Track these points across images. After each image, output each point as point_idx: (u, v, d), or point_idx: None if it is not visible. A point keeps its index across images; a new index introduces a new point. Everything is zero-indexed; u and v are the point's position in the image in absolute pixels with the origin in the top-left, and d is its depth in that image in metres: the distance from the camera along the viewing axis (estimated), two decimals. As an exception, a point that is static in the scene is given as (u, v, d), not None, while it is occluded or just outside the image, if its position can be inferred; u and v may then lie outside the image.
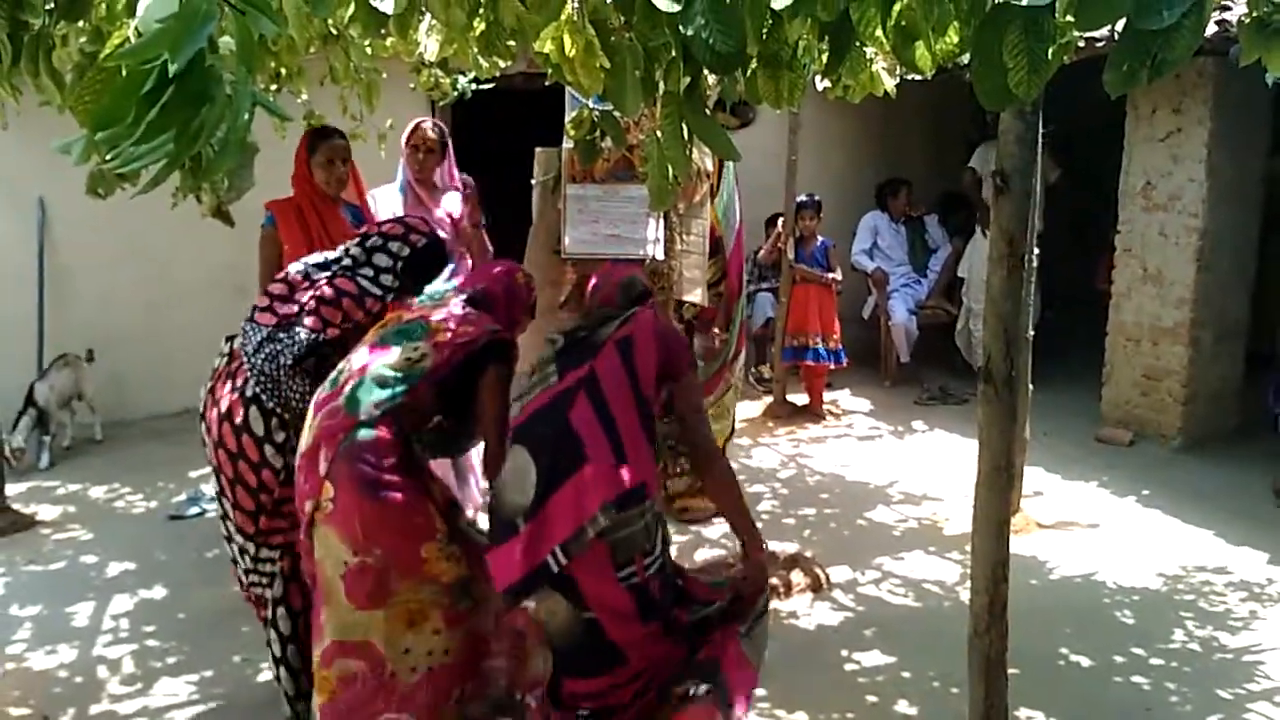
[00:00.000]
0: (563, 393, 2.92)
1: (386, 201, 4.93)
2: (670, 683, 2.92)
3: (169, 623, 4.40)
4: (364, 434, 2.90)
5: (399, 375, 3.00)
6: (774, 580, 4.54)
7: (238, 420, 3.29)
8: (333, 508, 2.88)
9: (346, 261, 3.50)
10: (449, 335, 3.07)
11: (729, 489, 3.12)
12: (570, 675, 2.87)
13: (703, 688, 2.87)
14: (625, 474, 2.81)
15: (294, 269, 3.54)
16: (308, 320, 3.35)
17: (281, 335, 3.32)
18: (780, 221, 7.50)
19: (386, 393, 2.97)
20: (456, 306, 3.22)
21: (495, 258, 4.47)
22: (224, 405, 3.32)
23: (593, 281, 3.40)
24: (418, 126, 4.95)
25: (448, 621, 2.96)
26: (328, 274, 3.46)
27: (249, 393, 3.30)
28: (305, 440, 3.01)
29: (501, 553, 2.85)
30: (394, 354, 3.04)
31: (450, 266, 4.03)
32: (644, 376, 2.97)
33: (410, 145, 4.95)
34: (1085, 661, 4.06)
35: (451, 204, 5.02)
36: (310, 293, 3.41)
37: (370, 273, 3.47)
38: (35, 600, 4.65)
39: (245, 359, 3.33)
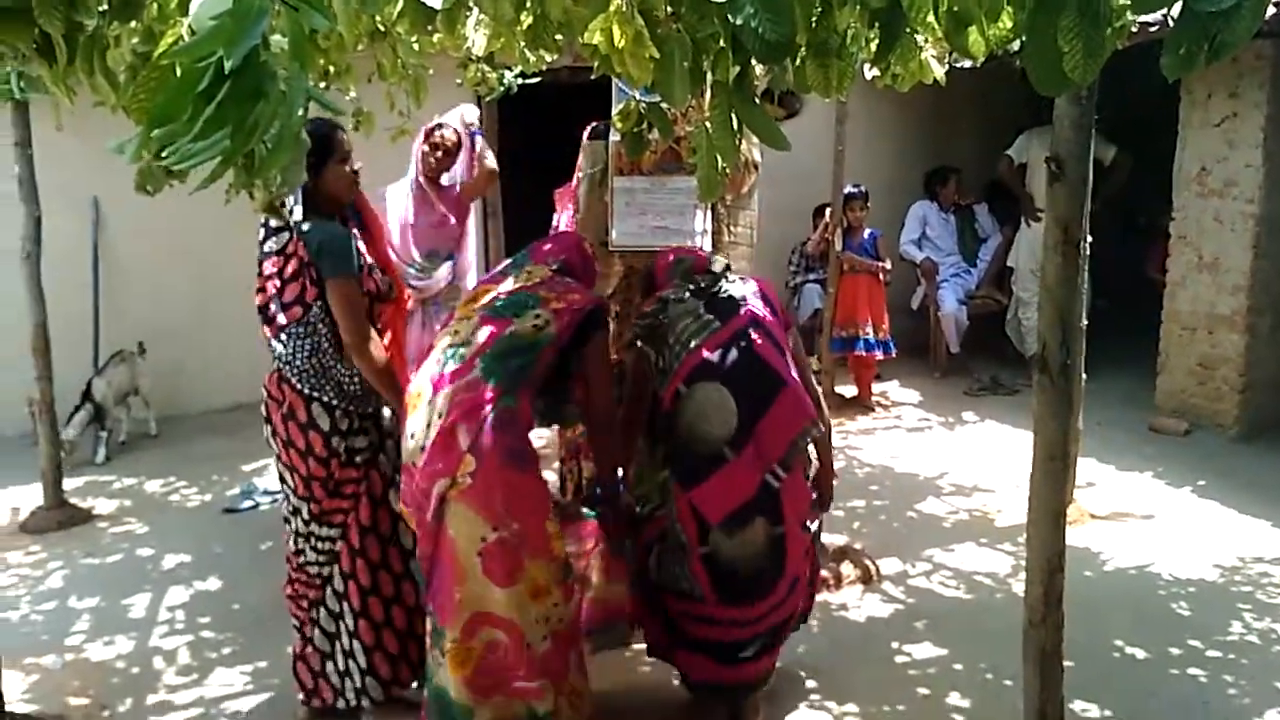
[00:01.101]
0: (738, 331, 3.27)
1: (396, 198, 5.12)
2: None
3: (224, 614, 4.46)
4: (508, 403, 2.97)
5: (528, 343, 3.07)
6: (824, 573, 4.52)
7: (302, 418, 3.33)
8: (471, 482, 2.92)
9: (275, 223, 3.35)
10: (564, 304, 3.17)
11: (828, 425, 3.57)
12: (748, 601, 3.25)
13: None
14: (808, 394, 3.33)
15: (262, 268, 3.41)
16: (312, 302, 3.28)
17: (299, 330, 3.30)
18: (828, 212, 7.46)
19: (520, 360, 3.04)
20: (553, 277, 3.32)
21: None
22: (286, 405, 3.35)
23: (671, 258, 3.63)
24: (440, 126, 5.07)
25: (565, 596, 3.11)
26: (278, 257, 3.33)
27: (306, 391, 3.32)
28: (430, 419, 3.01)
29: (720, 481, 3.18)
30: (517, 324, 3.10)
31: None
32: (783, 322, 3.46)
33: (429, 143, 5.05)
34: (1141, 654, 4.00)
35: (454, 195, 5.22)
36: (276, 282, 3.32)
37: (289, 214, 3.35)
38: (93, 592, 4.72)
39: (286, 366, 3.35)
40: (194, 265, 7.37)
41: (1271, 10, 5.14)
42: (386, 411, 3.49)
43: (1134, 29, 4.93)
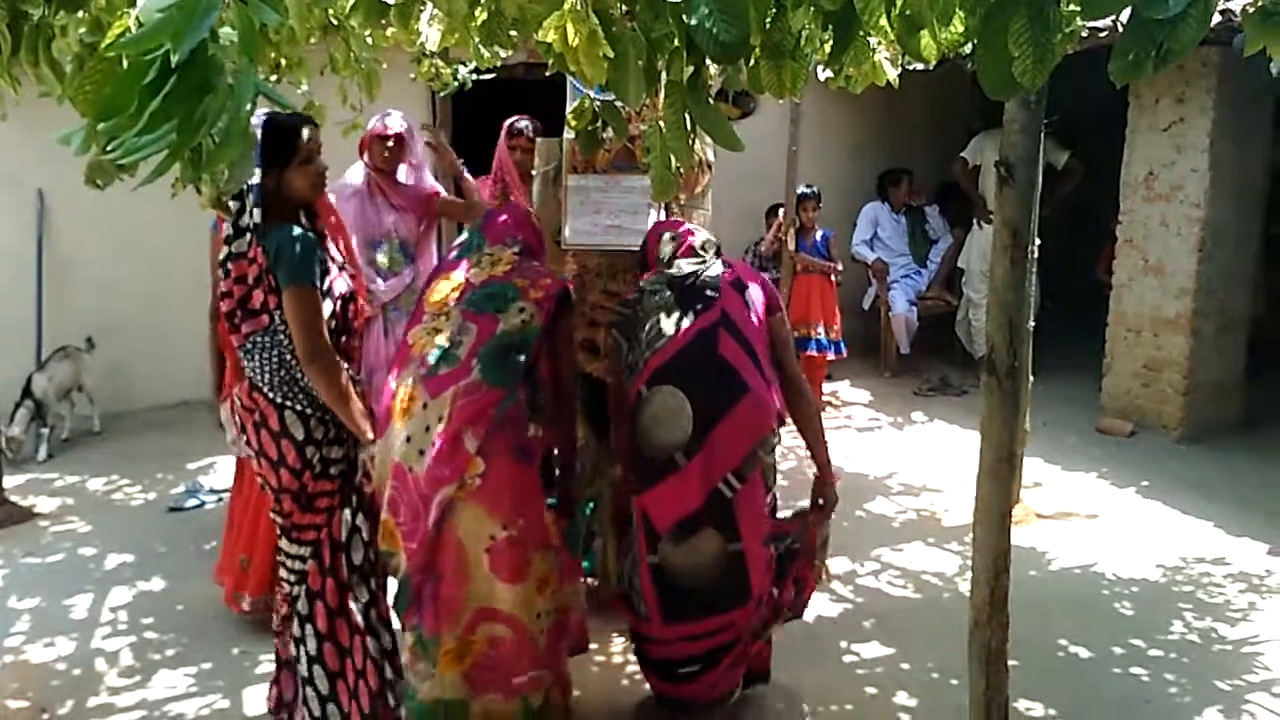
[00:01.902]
0: (705, 330, 3.18)
1: (352, 179, 4.99)
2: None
3: (168, 615, 4.40)
4: (511, 402, 2.99)
5: (519, 339, 3.04)
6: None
7: (274, 426, 3.13)
8: (481, 483, 2.95)
9: (229, 232, 3.13)
10: (542, 291, 3.12)
11: (813, 420, 3.50)
12: (703, 615, 3.24)
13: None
14: (776, 399, 3.23)
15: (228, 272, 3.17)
16: (274, 310, 3.08)
17: (264, 339, 3.11)
18: (781, 212, 7.48)
19: (516, 357, 3.01)
20: (520, 262, 3.24)
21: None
22: (259, 413, 3.15)
23: (662, 233, 3.59)
24: (385, 117, 4.94)
25: (561, 579, 3.16)
26: (242, 261, 3.09)
27: (278, 399, 3.13)
28: (428, 423, 3.00)
29: (669, 488, 3.17)
30: (504, 321, 3.06)
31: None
32: (759, 312, 3.33)
33: (376, 137, 4.91)
34: (1084, 653, 4.06)
35: (416, 193, 5.05)
36: (241, 288, 3.11)
37: (244, 222, 3.09)
38: (33, 592, 4.64)
39: (255, 375, 3.15)
40: (141, 260, 7.27)
41: (1217, 18, 5.22)
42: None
43: (1084, 34, 5.01)
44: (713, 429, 3.14)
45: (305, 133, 3.21)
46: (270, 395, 3.14)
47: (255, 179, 3.06)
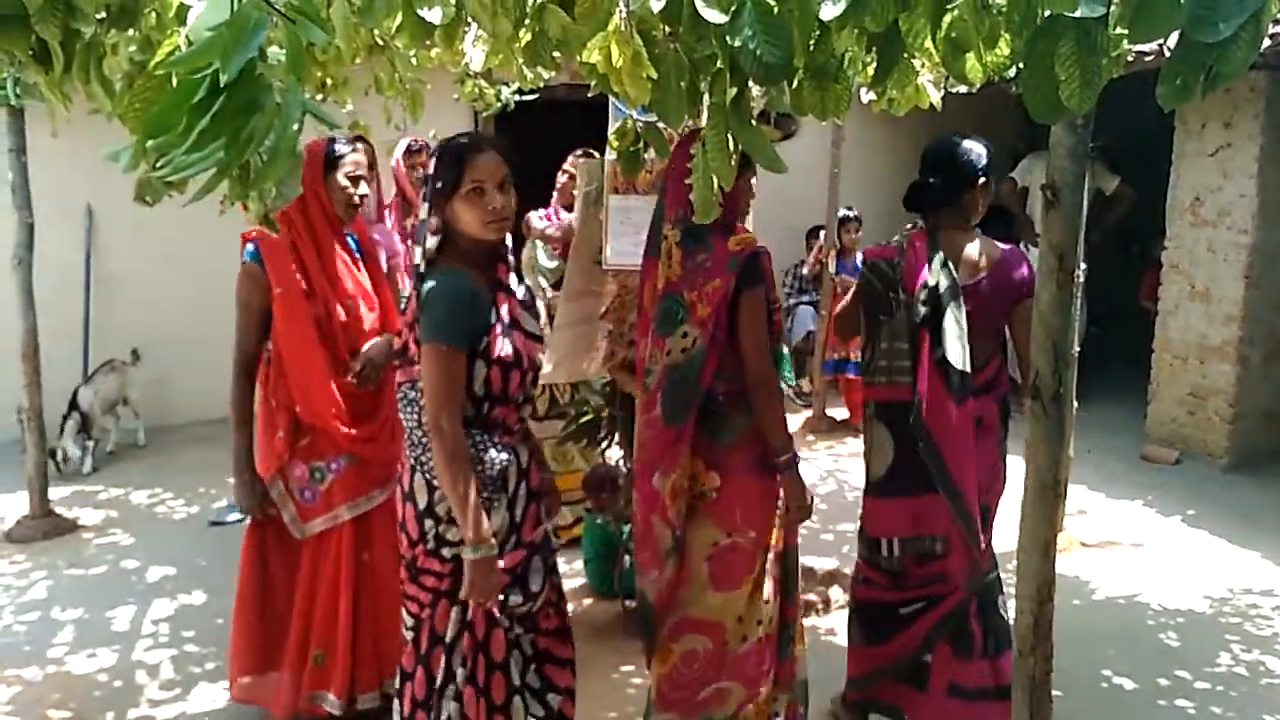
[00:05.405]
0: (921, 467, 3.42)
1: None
2: None
3: (208, 628, 4.42)
4: (708, 436, 3.01)
5: (685, 369, 2.94)
6: (812, 596, 4.53)
7: (405, 486, 2.80)
8: (716, 497, 3.01)
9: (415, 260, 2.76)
10: (709, 306, 2.91)
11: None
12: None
13: None
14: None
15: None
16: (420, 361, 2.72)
17: (413, 391, 2.78)
18: (822, 234, 7.46)
19: (687, 390, 2.94)
20: (686, 258, 2.98)
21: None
22: (400, 465, 2.85)
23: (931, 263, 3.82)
24: (414, 142, 5.18)
25: (775, 589, 3.14)
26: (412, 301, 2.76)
27: (411, 460, 2.79)
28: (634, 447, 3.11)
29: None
30: (673, 349, 2.96)
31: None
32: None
33: (409, 165, 5.19)
34: (1129, 684, 3.99)
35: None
36: (406, 333, 2.77)
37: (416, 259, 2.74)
38: (76, 604, 4.69)
39: (406, 429, 2.81)
40: (187, 275, 7.36)
41: (1266, 42, 5.17)
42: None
43: (1129, 58, 4.96)
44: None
45: (481, 159, 2.73)
46: (410, 452, 2.80)
47: (424, 214, 2.69)
